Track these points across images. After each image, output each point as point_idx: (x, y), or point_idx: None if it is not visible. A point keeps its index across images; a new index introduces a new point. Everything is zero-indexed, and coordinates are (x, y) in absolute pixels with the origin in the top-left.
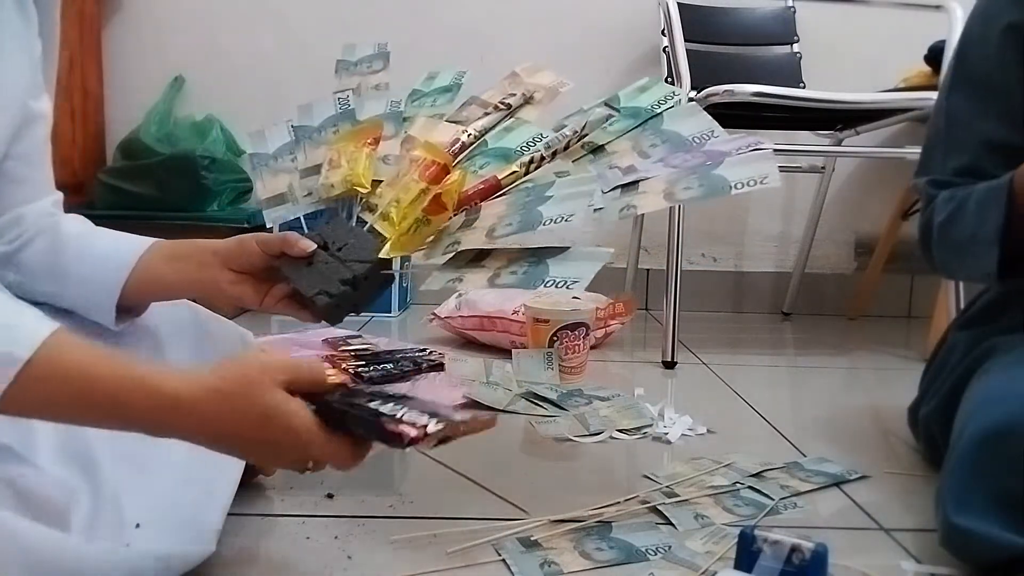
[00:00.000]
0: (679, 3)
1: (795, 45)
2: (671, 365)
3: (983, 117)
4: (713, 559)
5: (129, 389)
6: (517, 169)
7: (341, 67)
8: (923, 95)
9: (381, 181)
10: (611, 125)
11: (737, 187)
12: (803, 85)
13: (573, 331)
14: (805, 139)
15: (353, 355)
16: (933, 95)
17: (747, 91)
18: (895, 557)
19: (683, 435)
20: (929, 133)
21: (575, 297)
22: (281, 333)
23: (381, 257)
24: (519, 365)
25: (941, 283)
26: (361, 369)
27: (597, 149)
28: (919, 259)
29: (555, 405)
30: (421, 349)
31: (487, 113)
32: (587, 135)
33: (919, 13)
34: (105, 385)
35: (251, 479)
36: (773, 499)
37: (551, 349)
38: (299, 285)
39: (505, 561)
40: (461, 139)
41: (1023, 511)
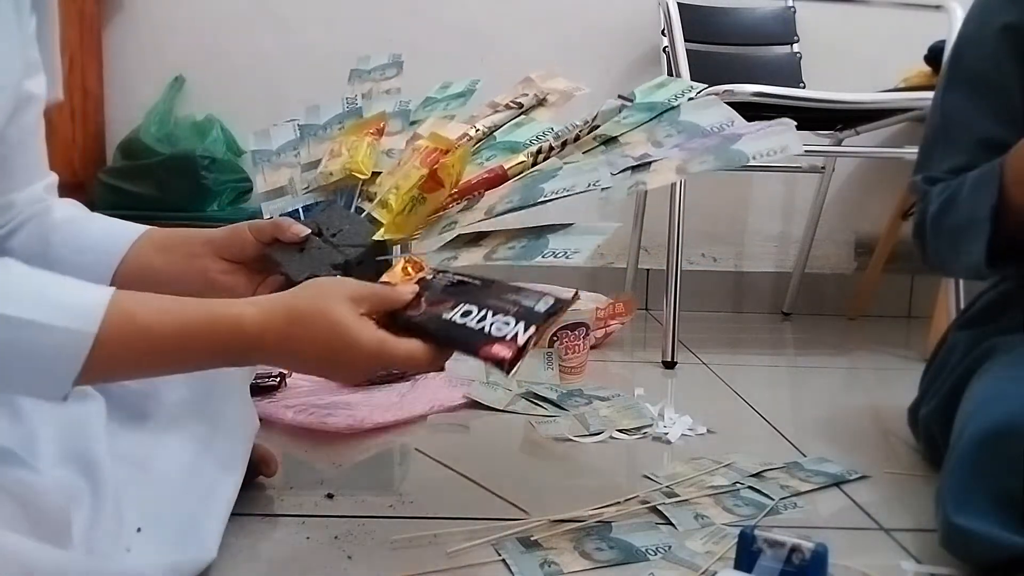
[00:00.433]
0: (679, 3)
1: (795, 45)
2: (671, 365)
3: (979, 116)
4: (713, 559)
5: (207, 332)
6: (524, 159)
7: (354, 75)
8: (923, 95)
9: (382, 172)
10: (625, 118)
11: (755, 158)
12: (803, 85)
13: (573, 331)
14: (805, 139)
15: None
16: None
17: (747, 91)
18: (895, 557)
19: (683, 435)
20: (926, 132)
21: (576, 297)
22: None
23: (376, 239)
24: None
25: (941, 283)
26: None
27: (610, 140)
28: (919, 259)
29: (555, 405)
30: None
31: (497, 111)
32: (599, 126)
33: (919, 13)
34: (185, 328)
35: (252, 479)
36: (773, 499)
37: (551, 349)
38: (288, 270)
39: (505, 561)
40: (469, 134)
41: (1023, 511)
